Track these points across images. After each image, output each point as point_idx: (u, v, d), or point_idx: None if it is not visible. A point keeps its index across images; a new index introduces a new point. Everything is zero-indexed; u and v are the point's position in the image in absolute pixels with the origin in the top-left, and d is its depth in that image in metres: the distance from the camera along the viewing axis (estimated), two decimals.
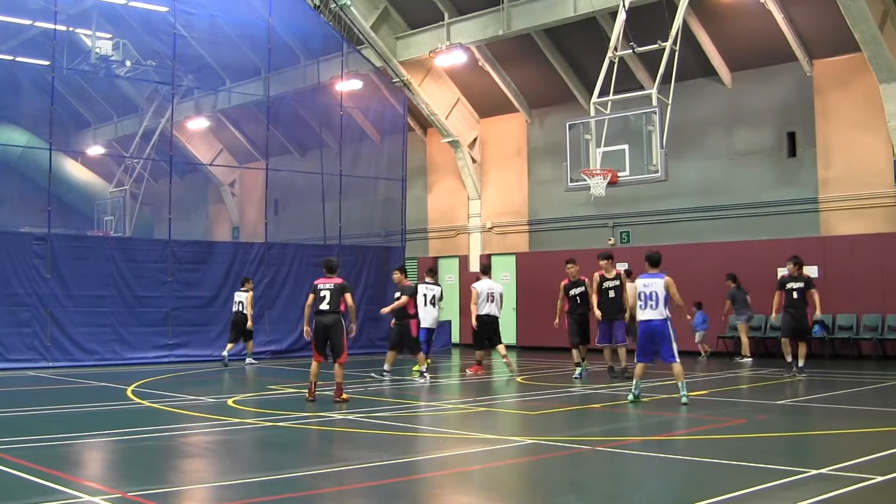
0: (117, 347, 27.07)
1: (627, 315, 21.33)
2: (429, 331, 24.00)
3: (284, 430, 14.15)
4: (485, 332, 23.66)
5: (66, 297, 26.46)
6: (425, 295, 24.32)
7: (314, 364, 17.53)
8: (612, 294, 21.37)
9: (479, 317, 23.46)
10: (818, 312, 21.73)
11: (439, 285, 25.29)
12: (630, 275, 23.15)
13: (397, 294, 22.13)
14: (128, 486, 9.78)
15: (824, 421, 15.07)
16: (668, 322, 16.35)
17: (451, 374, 23.85)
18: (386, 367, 21.75)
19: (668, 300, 16.36)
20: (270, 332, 29.29)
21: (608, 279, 21.44)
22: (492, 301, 23.54)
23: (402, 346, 22.08)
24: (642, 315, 16.53)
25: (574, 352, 22.11)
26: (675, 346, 16.32)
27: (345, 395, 17.26)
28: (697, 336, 28.02)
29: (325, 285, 17.51)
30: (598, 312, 21.33)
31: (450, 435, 13.75)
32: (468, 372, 23.37)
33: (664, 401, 17.17)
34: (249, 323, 26.66)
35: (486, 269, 24.96)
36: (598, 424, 15.12)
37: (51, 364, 25.56)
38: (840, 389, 19.45)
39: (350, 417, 15.22)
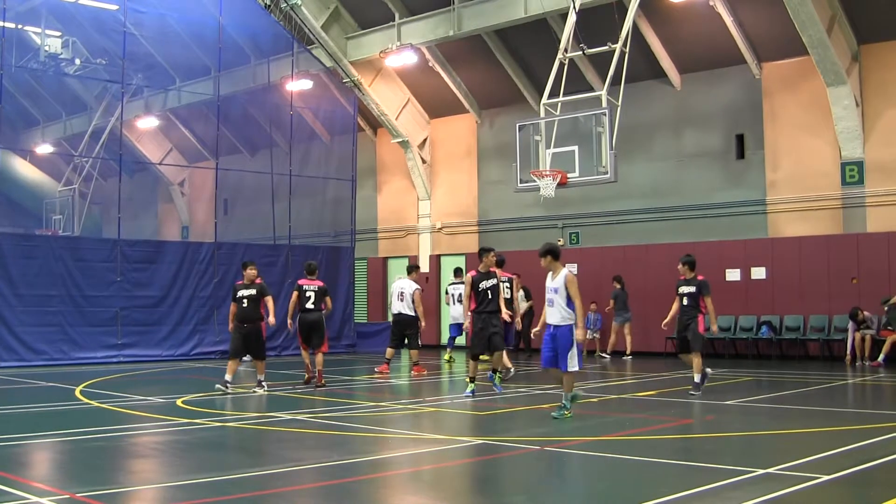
0: (65, 347, 26.89)
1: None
2: (459, 326, 25.15)
3: (233, 430, 14.12)
4: (397, 331, 24.30)
5: (13, 296, 26.23)
6: (453, 294, 26.80)
7: (304, 353, 20.77)
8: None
9: (393, 315, 24.41)
10: (714, 325, 18.49)
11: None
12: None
13: (249, 293, 19.19)
14: (76, 487, 9.72)
15: (771, 421, 15.18)
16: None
17: (400, 374, 23.87)
18: (228, 376, 18.91)
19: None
20: (220, 331, 29.15)
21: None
22: (401, 300, 23.89)
23: (247, 351, 19.54)
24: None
25: (470, 364, 18.89)
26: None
27: (323, 381, 20.16)
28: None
29: (311, 287, 20.45)
30: (507, 313, 20.79)
31: (399, 435, 13.76)
32: (376, 370, 23.44)
33: (612, 401, 17.26)
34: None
35: (410, 269, 25.20)
36: (547, 425, 15.15)
37: None
38: (787, 390, 19.63)
39: (299, 418, 15.20)
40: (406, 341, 24.19)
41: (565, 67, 24.19)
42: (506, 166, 28.93)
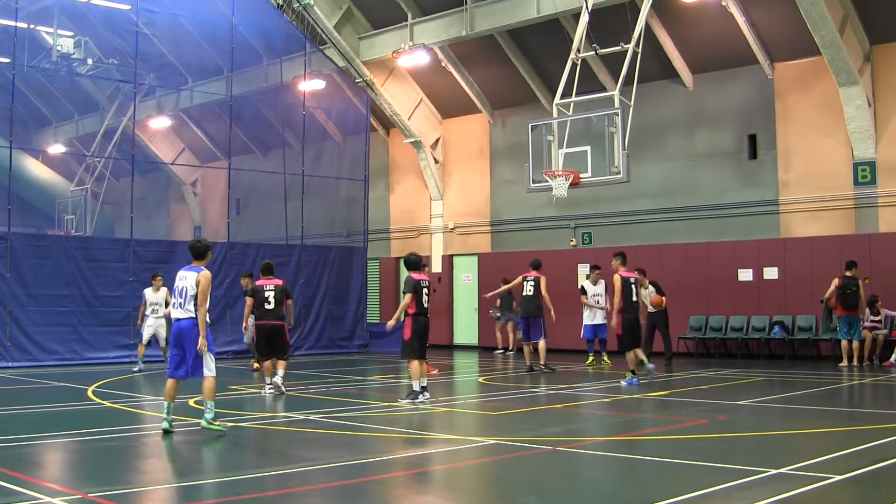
0: (77, 347, 26.91)
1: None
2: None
3: (246, 430, 14.12)
4: None
5: (25, 296, 26.25)
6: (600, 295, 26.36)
7: None
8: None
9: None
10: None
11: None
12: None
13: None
14: (88, 487, 9.74)
15: (784, 421, 15.16)
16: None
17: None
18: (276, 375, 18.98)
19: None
20: (231, 331, 29.11)
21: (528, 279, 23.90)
22: None
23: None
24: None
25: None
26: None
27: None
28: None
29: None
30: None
31: (412, 435, 13.75)
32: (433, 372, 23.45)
33: (623, 401, 17.24)
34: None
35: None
36: (559, 425, 15.16)
37: (10, 364, 25.37)
38: (799, 390, 19.60)
39: (311, 418, 15.20)
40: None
41: (578, 67, 24.18)
42: (518, 166, 28.91)
